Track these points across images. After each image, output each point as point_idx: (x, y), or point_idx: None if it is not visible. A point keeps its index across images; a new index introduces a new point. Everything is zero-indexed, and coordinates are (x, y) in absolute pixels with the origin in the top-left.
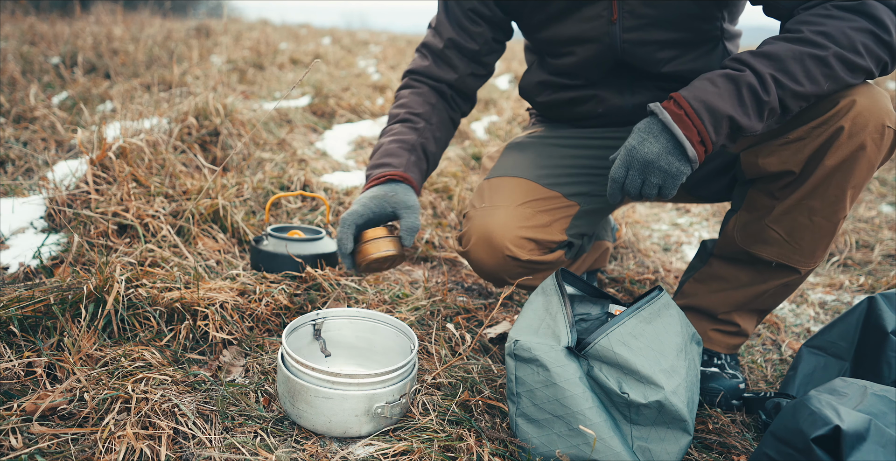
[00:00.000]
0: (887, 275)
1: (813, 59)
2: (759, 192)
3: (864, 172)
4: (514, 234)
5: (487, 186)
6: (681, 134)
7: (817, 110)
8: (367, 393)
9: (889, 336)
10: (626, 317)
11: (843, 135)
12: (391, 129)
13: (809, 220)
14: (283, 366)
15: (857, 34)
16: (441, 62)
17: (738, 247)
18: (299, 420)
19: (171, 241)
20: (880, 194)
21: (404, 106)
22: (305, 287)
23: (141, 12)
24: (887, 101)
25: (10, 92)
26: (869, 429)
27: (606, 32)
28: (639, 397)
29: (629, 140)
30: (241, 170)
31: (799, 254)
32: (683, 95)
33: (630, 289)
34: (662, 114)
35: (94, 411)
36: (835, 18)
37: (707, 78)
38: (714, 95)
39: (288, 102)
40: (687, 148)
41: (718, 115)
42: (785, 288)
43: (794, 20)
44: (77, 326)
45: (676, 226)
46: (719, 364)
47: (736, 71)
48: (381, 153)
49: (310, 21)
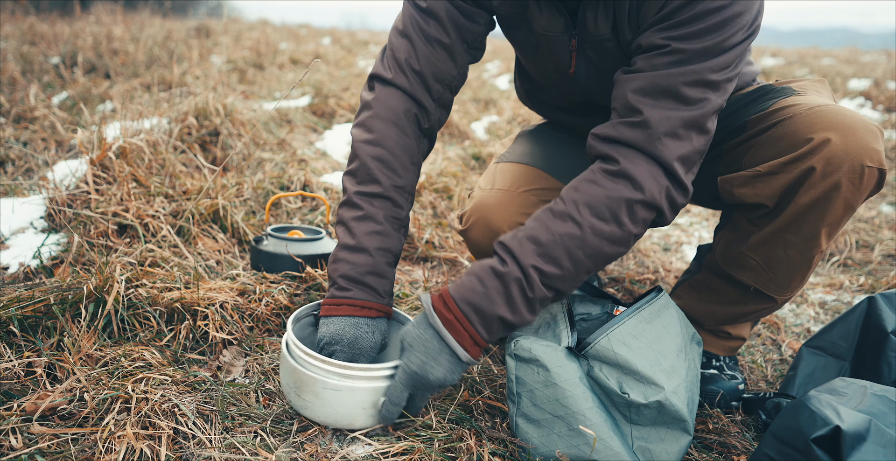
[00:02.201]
0: (887, 275)
1: (573, 240)
2: (741, 216)
3: (841, 211)
4: (513, 219)
5: (495, 170)
6: (455, 343)
7: (790, 143)
8: (376, 386)
9: (889, 336)
10: (626, 317)
11: (816, 175)
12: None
13: (784, 253)
14: (290, 357)
15: (616, 204)
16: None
17: (720, 266)
18: (303, 411)
19: (171, 241)
20: (880, 194)
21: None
22: (305, 287)
23: (141, 12)
24: (870, 138)
25: (10, 92)
26: (869, 429)
27: (572, 80)
28: (639, 397)
29: (407, 361)
30: (241, 170)
31: (774, 284)
32: (453, 297)
33: (630, 289)
34: (433, 317)
35: (94, 411)
36: (597, 185)
37: (476, 274)
38: (482, 298)
39: (288, 102)
40: (462, 356)
41: (488, 318)
42: (766, 311)
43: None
44: (77, 326)
45: (676, 226)
46: (718, 365)
47: (502, 265)
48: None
49: (310, 21)
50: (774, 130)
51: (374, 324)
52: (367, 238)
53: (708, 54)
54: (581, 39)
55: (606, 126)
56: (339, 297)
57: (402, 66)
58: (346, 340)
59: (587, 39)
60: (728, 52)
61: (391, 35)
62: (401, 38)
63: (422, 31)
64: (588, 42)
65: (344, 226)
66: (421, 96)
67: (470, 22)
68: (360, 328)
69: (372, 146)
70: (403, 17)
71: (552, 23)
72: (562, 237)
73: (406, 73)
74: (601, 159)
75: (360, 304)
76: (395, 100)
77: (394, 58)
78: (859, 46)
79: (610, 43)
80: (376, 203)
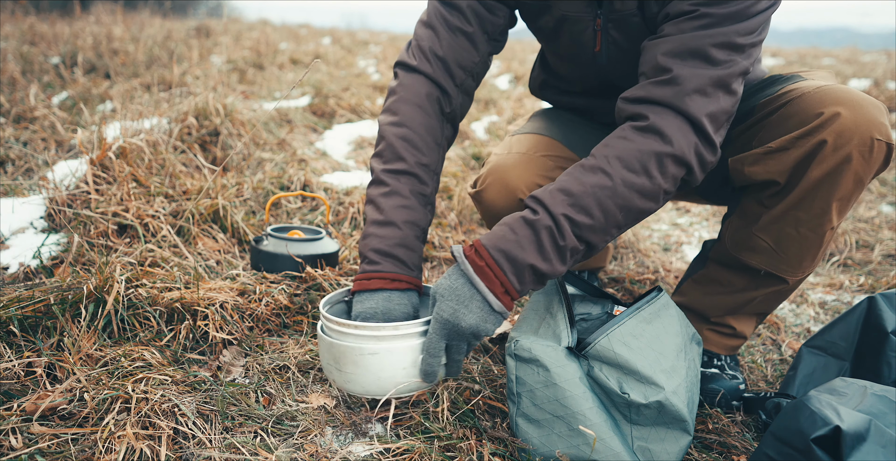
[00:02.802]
0: (887, 275)
1: (604, 190)
2: (749, 199)
3: (851, 185)
4: (531, 180)
5: (512, 139)
6: (486, 290)
7: (800, 119)
8: (411, 343)
9: (889, 336)
10: (626, 318)
11: (827, 148)
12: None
13: (796, 231)
14: (325, 335)
15: (647, 157)
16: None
17: (729, 253)
18: (347, 385)
19: (171, 241)
20: (880, 194)
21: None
22: (305, 287)
23: (141, 12)
24: (877, 112)
25: (10, 92)
26: (869, 429)
27: (592, 60)
28: (639, 397)
29: (438, 310)
30: (241, 170)
31: (786, 264)
32: (484, 245)
33: (630, 289)
34: (465, 264)
35: (94, 411)
36: (627, 140)
37: (507, 223)
38: (513, 244)
39: (288, 102)
40: (494, 305)
41: (519, 266)
42: (777, 294)
43: (599, 144)
44: (77, 326)
45: (676, 226)
46: (719, 365)
47: (533, 214)
48: (393, 236)
49: (310, 21)
50: (783, 110)
51: (406, 297)
52: (394, 212)
53: (734, 18)
54: (606, 18)
55: (635, 88)
56: (370, 271)
57: (425, 54)
58: (380, 313)
59: (612, 17)
60: (753, 18)
61: (416, 27)
62: (425, 28)
63: (445, 21)
64: (613, 20)
65: (372, 203)
66: (443, 81)
67: (491, 15)
68: (391, 300)
69: (397, 127)
70: (428, 11)
71: (575, 3)
72: (592, 188)
73: (429, 59)
74: (631, 118)
75: (391, 277)
76: (419, 84)
77: (418, 47)
78: (859, 46)
79: (636, 18)
80: (402, 179)
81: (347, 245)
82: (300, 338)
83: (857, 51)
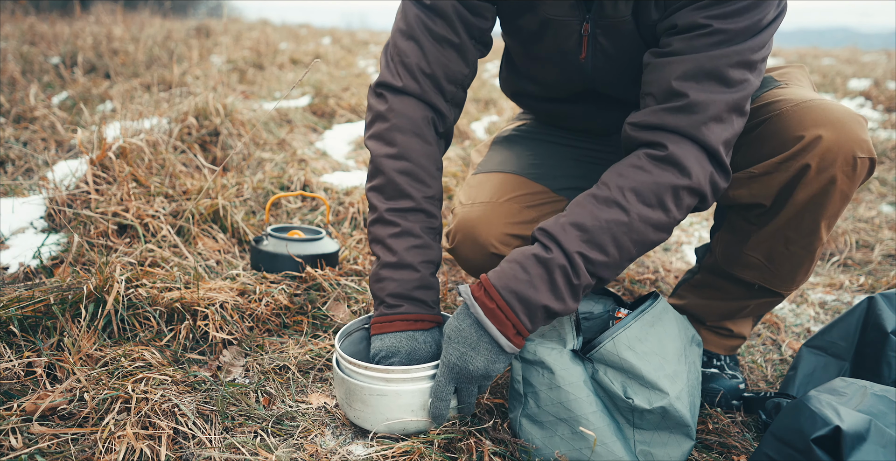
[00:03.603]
0: (887, 275)
1: (620, 226)
2: (737, 216)
3: (838, 204)
4: (500, 231)
5: (474, 182)
6: (497, 333)
7: (780, 141)
8: (420, 387)
9: (889, 336)
10: (631, 321)
11: (811, 172)
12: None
13: (786, 249)
14: (338, 370)
15: (664, 191)
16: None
17: (721, 267)
18: (358, 421)
19: (171, 241)
20: (880, 194)
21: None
22: (305, 287)
23: (141, 12)
24: (858, 128)
25: (10, 92)
26: (869, 429)
27: (578, 67)
28: (643, 403)
29: (446, 353)
30: (241, 170)
31: (779, 279)
32: (494, 285)
33: (630, 289)
34: (474, 307)
35: (94, 411)
36: (644, 172)
37: (517, 261)
38: (526, 285)
39: (288, 102)
40: (505, 346)
41: (532, 307)
42: (772, 304)
43: (609, 170)
44: (77, 326)
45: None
46: (719, 365)
47: (546, 252)
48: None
49: (310, 21)
50: (763, 128)
51: (429, 335)
52: (408, 253)
53: (747, 33)
54: (594, 23)
55: (646, 113)
56: (390, 314)
57: (412, 71)
58: (405, 351)
59: (602, 23)
60: (764, 31)
61: (395, 38)
62: (407, 40)
63: (429, 32)
64: (602, 26)
65: (381, 243)
66: (435, 100)
67: (477, 18)
68: (416, 340)
69: (396, 160)
70: (406, 18)
71: (561, 5)
72: (608, 223)
73: (417, 77)
74: (646, 146)
75: (413, 318)
76: (411, 108)
77: (402, 63)
78: (859, 46)
79: (628, 26)
80: (410, 217)
81: (347, 245)
82: (300, 338)
83: (857, 51)
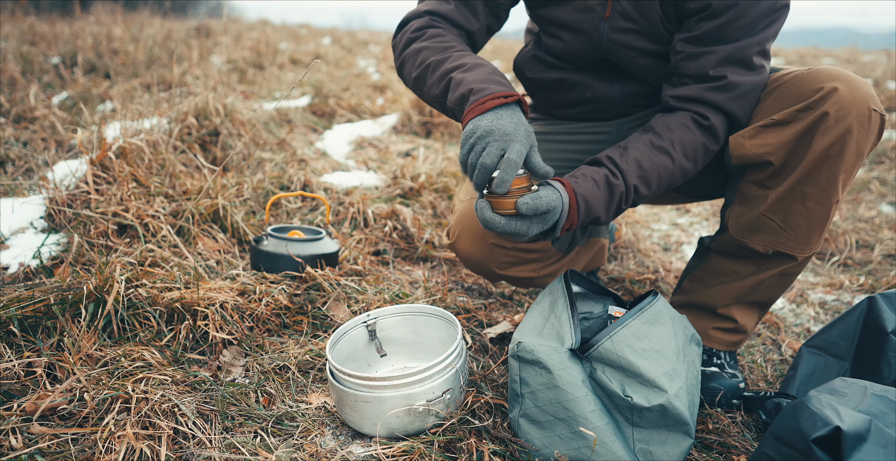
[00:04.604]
0: (887, 275)
1: (665, 170)
2: (749, 183)
3: (854, 157)
4: None
5: None
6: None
7: (799, 93)
8: (403, 393)
9: (889, 336)
10: (629, 319)
11: (829, 120)
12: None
13: (803, 206)
14: (330, 375)
15: (699, 149)
16: (465, 8)
17: (734, 240)
18: (350, 424)
19: (171, 241)
20: (880, 194)
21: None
22: (305, 287)
23: (141, 12)
24: (868, 87)
25: (10, 92)
26: (869, 429)
27: (596, 28)
28: (642, 401)
29: None
30: (241, 170)
31: (794, 241)
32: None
33: (630, 288)
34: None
35: (94, 411)
36: (690, 131)
37: (593, 178)
38: (594, 199)
39: (288, 102)
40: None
41: (591, 215)
42: (783, 277)
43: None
44: (77, 326)
45: (676, 225)
46: (719, 363)
47: (614, 178)
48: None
49: (310, 21)
50: (778, 91)
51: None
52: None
53: (765, 18)
54: None
55: (690, 89)
56: (481, 97)
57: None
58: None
59: None
60: (777, 21)
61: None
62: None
63: None
64: None
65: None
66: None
67: None
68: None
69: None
70: None
71: None
72: (658, 167)
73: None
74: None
75: (503, 95)
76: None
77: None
78: (859, 46)
79: None
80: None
81: (347, 245)
82: (300, 338)
83: (857, 51)
